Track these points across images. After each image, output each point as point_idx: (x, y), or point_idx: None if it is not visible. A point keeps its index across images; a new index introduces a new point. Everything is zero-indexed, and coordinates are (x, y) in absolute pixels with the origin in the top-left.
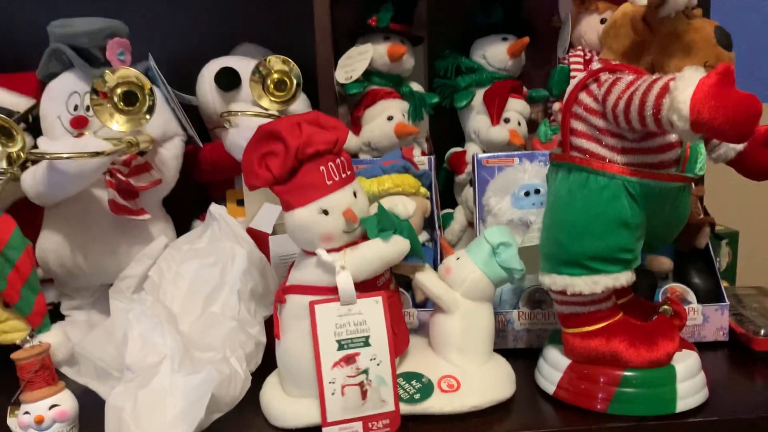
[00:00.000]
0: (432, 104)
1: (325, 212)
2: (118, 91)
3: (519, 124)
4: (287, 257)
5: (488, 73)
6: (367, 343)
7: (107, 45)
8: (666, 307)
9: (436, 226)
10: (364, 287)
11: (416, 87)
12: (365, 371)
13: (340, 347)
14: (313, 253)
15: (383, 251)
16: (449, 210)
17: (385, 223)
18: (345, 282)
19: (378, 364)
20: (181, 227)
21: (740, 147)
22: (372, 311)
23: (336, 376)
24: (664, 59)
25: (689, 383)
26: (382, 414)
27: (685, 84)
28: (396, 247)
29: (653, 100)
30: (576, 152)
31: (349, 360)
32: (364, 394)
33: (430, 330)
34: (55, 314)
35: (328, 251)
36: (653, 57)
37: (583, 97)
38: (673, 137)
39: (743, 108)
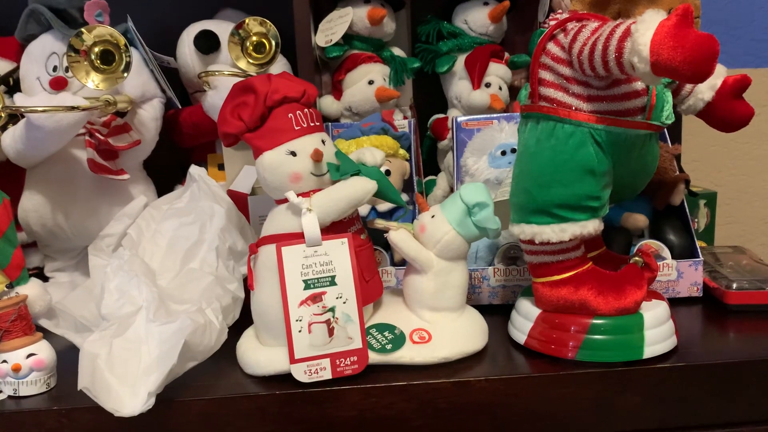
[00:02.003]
0: (413, 69)
1: (293, 153)
2: (96, 49)
3: (500, 88)
4: (266, 217)
5: (470, 38)
6: (333, 283)
7: (85, 6)
8: (637, 258)
9: (415, 188)
10: (334, 233)
11: (398, 52)
12: (331, 309)
13: (307, 286)
14: (284, 201)
15: (348, 190)
16: (432, 177)
17: (347, 166)
18: (310, 223)
19: (344, 303)
20: (163, 193)
21: (708, 98)
22: (338, 252)
23: (302, 314)
24: (630, 7)
25: (657, 330)
26: (349, 351)
27: (646, 27)
28: (361, 186)
29: (615, 44)
30: (544, 102)
31: (316, 298)
32: (330, 332)
33: (404, 288)
34: (40, 279)
35: (297, 196)
36: (620, 6)
37: (551, 46)
38: (639, 85)
39: (701, 48)
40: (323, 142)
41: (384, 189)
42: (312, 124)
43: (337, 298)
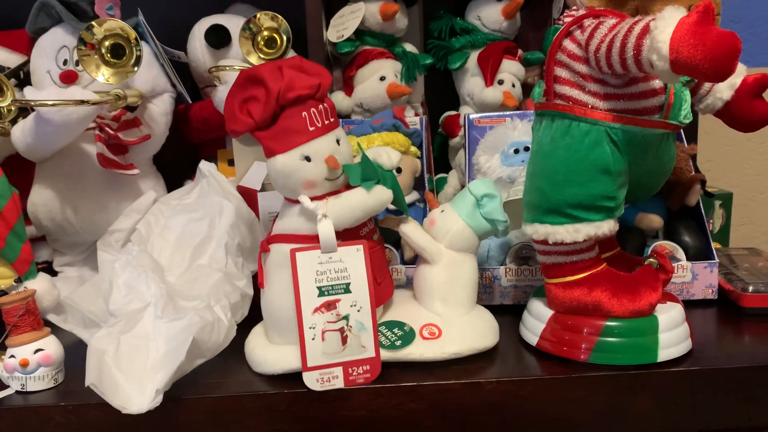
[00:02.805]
0: (425, 65)
1: (307, 159)
2: (106, 43)
3: (513, 86)
4: (276, 213)
5: (483, 35)
6: (347, 290)
7: None
8: (652, 259)
9: (426, 186)
10: (347, 236)
11: (411, 48)
12: (345, 317)
13: (321, 293)
14: (297, 201)
15: (365, 200)
16: (444, 174)
17: (369, 172)
18: (326, 230)
19: (358, 311)
20: (173, 188)
21: (727, 97)
22: (353, 259)
23: (316, 321)
24: (648, 4)
25: (671, 333)
26: (362, 360)
27: (665, 23)
28: (379, 196)
29: (634, 42)
30: (560, 100)
31: (330, 306)
32: (344, 340)
33: (414, 281)
34: (49, 273)
35: (311, 199)
36: (638, 2)
37: (567, 43)
38: (656, 83)
39: (723, 45)
40: (338, 141)
41: (395, 195)
42: (327, 122)
43: (351, 306)
